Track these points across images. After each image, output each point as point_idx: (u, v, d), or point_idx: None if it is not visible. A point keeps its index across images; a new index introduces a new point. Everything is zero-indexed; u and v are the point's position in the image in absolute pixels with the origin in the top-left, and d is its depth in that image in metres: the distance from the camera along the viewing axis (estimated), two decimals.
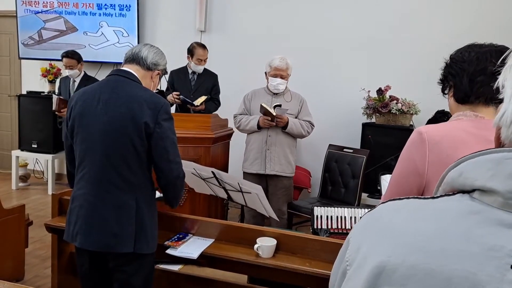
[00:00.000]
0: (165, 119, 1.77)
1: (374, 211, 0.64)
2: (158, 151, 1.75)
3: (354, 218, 2.65)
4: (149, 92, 1.81)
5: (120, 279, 1.83)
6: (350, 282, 0.59)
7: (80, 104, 1.78)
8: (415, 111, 4.00)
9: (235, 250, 2.07)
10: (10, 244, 2.91)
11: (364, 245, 0.60)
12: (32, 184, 5.57)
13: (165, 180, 1.81)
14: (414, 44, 4.26)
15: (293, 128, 3.39)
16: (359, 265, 0.59)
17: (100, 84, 1.83)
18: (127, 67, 1.87)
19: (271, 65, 3.41)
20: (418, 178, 1.25)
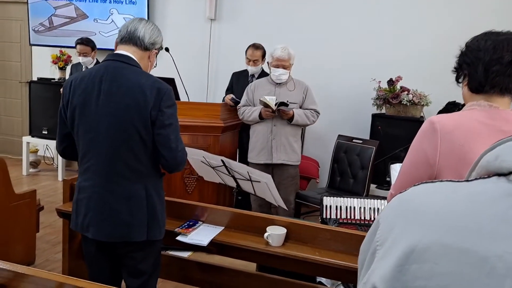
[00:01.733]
0: (168, 106, 1.72)
1: (406, 193, 0.65)
2: (161, 139, 1.72)
3: (363, 209, 2.64)
4: (151, 78, 1.76)
5: (129, 265, 1.84)
6: (381, 261, 0.60)
7: (80, 93, 1.72)
8: (426, 102, 3.96)
9: (244, 238, 2.08)
10: (21, 229, 2.95)
11: (396, 226, 0.60)
12: (42, 170, 5.62)
13: (168, 167, 1.80)
14: (426, 35, 4.21)
15: (298, 120, 3.40)
16: (390, 246, 0.59)
17: (98, 70, 1.73)
18: (123, 49, 1.78)
19: (273, 55, 3.38)
20: (428, 168, 1.24)
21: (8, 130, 6.15)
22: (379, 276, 0.58)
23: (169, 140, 1.72)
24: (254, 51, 4.01)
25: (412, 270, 0.54)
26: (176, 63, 4.05)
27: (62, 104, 1.79)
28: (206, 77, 4.99)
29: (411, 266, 0.55)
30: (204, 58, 4.98)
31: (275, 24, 4.68)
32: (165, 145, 1.73)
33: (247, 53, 4.05)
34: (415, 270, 0.54)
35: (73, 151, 1.83)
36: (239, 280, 2.23)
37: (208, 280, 2.31)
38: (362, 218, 2.62)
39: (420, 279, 0.53)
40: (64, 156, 1.94)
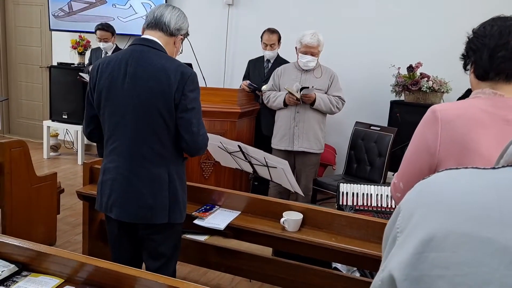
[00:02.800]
0: (191, 90, 1.74)
1: (428, 179, 0.64)
2: (183, 122, 1.74)
3: (380, 196, 2.63)
4: (176, 62, 1.77)
5: (149, 247, 1.88)
6: (400, 248, 0.59)
7: (106, 76, 1.76)
8: (446, 89, 3.88)
9: (261, 222, 2.09)
10: (43, 210, 3.02)
11: (417, 212, 0.59)
12: (62, 154, 5.73)
13: (189, 151, 1.82)
14: (448, 21, 4.10)
15: (321, 104, 3.34)
16: (410, 232, 0.59)
17: (125, 54, 1.77)
18: (149, 34, 1.80)
19: (301, 41, 3.31)
20: (429, 157, 1.23)
21: (29, 114, 6.27)
22: (396, 263, 0.58)
23: (191, 124, 1.74)
24: (270, 36, 3.99)
25: (431, 258, 0.53)
26: (194, 48, 4.04)
27: (89, 87, 1.82)
28: (223, 62, 4.98)
29: (429, 254, 0.54)
30: (221, 44, 4.96)
31: (293, 10, 4.63)
32: (187, 129, 1.74)
33: (263, 38, 4.03)
34: (433, 258, 0.53)
35: (99, 133, 1.87)
36: (255, 264, 2.25)
37: (224, 263, 2.34)
38: (379, 205, 2.61)
39: (438, 268, 0.53)
40: (91, 138, 1.97)
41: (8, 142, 2.76)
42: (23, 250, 1.45)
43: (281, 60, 4.06)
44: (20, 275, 1.42)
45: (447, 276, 0.52)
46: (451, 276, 0.51)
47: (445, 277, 0.52)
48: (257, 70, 4.19)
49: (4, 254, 1.46)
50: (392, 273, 0.58)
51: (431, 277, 0.53)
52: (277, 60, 4.08)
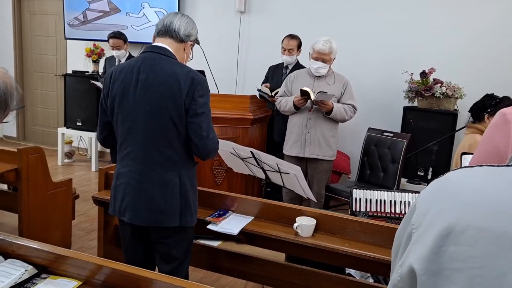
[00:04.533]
0: (201, 95, 1.77)
1: (444, 177, 0.65)
2: (193, 127, 1.78)
3: (393, 202, 2.61)
4: (186, 68, 1.81)
5: (161, 251, 1.90)
6: (417, 244, 0.60)
7: (119, 84, 1.80)
8: (460, 95, 3.86)
9: (274, 228, 2.10)
10: (58, 216, 3.07)
11: (433, 209, 0.61)
12: (76, 161, 5.81)
13: (199, 155, 1.85)
14: (462, 26, 4.09)
15: (337, 113, 3.33)
16: (426, 228, 0.60)
17: (137, 62, 1.81)
18: (160, 42, 1.85)
19: (314, 47, 3.33)
20: (499, 160, 1.22)
21: (44, 122, 6.37)
22: (416, 257, 0.59)
23: (200, 128, 1.77)
24: (289, 40, 4.03)
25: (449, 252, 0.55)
26: (206, 55, 4.09)
27: (103, 94, 1.87)
28: (235, 69, 5.01)
29: (448, 248, 0.55)
30: (233, 51, 5.00)
31: (305, 17, 4.65)
32: (197, 133, 1.78)
33: (283, 43, 4.07)
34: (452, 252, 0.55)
35: (113, 139, 1.91)
36: (268, 269, 2.25)
37: (237, 269, 2.34)
38: (392, 211, 2.59)
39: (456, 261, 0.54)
40: (104, 144, 2.02)
41: (25, 148, 2.82)
42: (43, 253, 1.47)
43: (299, 66, 4.07)
44: (39, 277, 1.44)
45: (464, 269, 0.53)
46: (468, 268, 0.53)
47: (462, 270, 0.53)
48: (275, 76, 4.22)
49: (24, 256, 1.49)
50: (413, 267, 0.59)
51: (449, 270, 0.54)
52: (295, 67, 4.09)
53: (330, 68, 3.41)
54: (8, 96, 1.36)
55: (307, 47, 3.50)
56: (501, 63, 3.95)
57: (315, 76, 3.41)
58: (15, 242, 1.52)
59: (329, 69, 3.39)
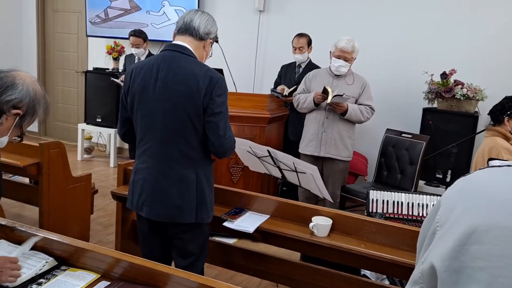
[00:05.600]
0: (219, 95, 1.79)
1: (471, 176, 0.65)
2: (210, 126, 1.79)
3: (411, 204, 2.59)
4: (205, 67, 1.82)
5: (177, 246, 1.93)
6: (441, 241, 0.60)
7: (139, 81, 1.83)
8: (482, 97, 3.79)
9: (289, 227, 2.10)
10: (77, 210, 3.12)
11: (458, 206, 0.61)
12: (95, 157, 5.90)
13: (216, 153, 1.87)
14: (483, 27, 4.02)
15: (352, 115, 3.31)
16: (451, 225, 0.60)
17: (157, 60, 1.83)
18: (180, 40, 1.86)
19: (336, 45, 3.31)
20: None
21: (65, 117, 6.49)
22: (438, 255, 0.59)
23: (217, 128, 1.79)
24: (298, 39, 4.05)
25: (472, 250, 0.55)
26: (225, 53, 4.11)
27: (124, 91, 1.91)
28: (253, 68, 5.02)
29: (471, 246, 0.55)
30: (252, 50, 5.01)
31: (324, 16, 4.63)
32: (214, 132, 1.79)
33: (293, 42, 4.10)
34: (475, 250, 0.54)
35: (132, 135, 1.94)
36: (283, 268, 2.25)
37: (251, 267, 2.35)
38: (409, 213, 2.57)
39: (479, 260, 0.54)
40: (125, 139, 2.05)
41: (46, 143, 2.88)
42: (63, 245, 1.51)
43: (312, 65, 4.07)
44: (59, 269, 1.48)
45: (487, 267, 0.53)
46: (492, 267, 0.52)
47: (486, 269, 0.53)
48: (288, 75, 4.23)
49: (45, 248, 1.53)
50: (433, 264, 0.59)
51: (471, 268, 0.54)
52: (308, 66, 4.10)
53: (349, 68, 3.38)
54: (36, 103, 1.42)
55: (324, 46, 3.49)
56: None
57: (335, 75, 3.39)
58: (37, 234, 1.56)
59: (349, 69, 3.37)
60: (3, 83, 1.37)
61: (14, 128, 1.42)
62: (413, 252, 1.90)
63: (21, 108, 1.40)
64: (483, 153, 2.99)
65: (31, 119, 1.44)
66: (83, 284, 1.40)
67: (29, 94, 1.40)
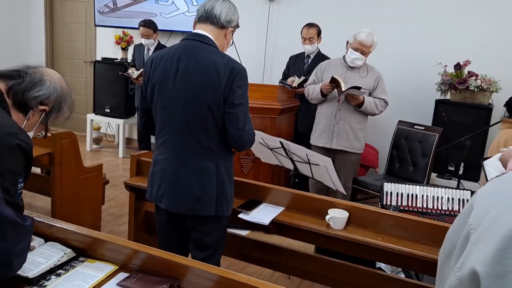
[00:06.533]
0: (239, 86, 1.75)
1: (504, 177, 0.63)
2: (229, 117, 1.76)
3: (425, 197, 2.56)
4: (226, 57, 1.79)
5: (195, 238, 1.92)
6: (478, 245, 0.58)
7: (159, 71, 1.80)
8: (496, 88, 3.74)
9: (305, 219, 2.08)
10: (89, 200, 3.13)
11: (495, 208, 0.59)
12: (104, 147, 5.90)
13: (235, 146, 1.85)
14: (498, 18, 3.94)
15: (368, 107, 3.27)
16: (488, 228, 0.57)
17: (177, 49, 1.80)
18: (201, 29, 1.83)
19: (356, 37, 3.23)
20: None
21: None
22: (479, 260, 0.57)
23: (237, 120, 1.76)
24: (308, 29, 4.01)
25: None
26: (235, 43, 4.06)
27: (144, 81, 1.88)
28: (263, 58, 4.98)
29: None
30: (261, 40, 4.96)
31: (335, 6, 4.57)
32: (233, 124, 1.76)
33: (302, 32, 4.05)
34: None
35: (152, 125, 1.92)
36: (297, 261, 2.24)
37: (265, 259, 2.34)
38: (424, 206, 2.54)
39: None
40: (145, 130, 2.05)
41: (59, 133, 2.87)
42: (80, 236, 1.50)
43: (321, 55, 4.03)
44: (77, 260, 1.47)
45: None
46: None
47: None
48: (297, 65, 4.19)
49: (61, 239, 1.52)
50: (475, 270, 0.57)
51: None
52: (317, 56, 4.06)
53: (365, 61, 3.34)
54: (63, 100, 1.43)
55: (333, 37, 3.43)
56: None
57: (349, 67, 3.35)
58: (54, 224, 1.55)
59: (364, 61, 3.33)
60: (32, 79, 1.36)
61: (40, 124, 1.44)
62: (431, 246, 1.88)
63: (47, 104, 1.40)
64: (498, 146, 2.94)
65: (57, 115, 1.45)
66: (102, 275, 1.39)
67: (56, 90, 1.40)
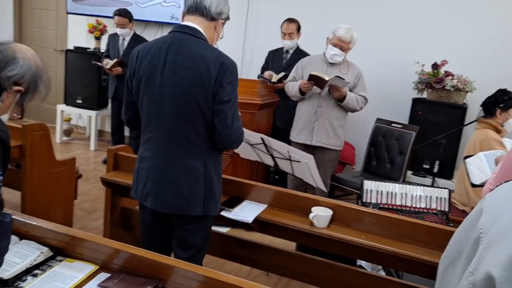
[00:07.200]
0: (229, 82, 1.69)
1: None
2: (218, 114, 1.70)
3: (404, 195, 2.58)
4: (216, 51, 1.73)
5: (179, 236, 1.85)
6: (492, 249, 0.57)
7: (146, 64, 1.72)
8: (471, 88, 3.82)
9: (288, 217, 2.06)
10: (61, 195, 3.01)
11: (507, 213, 0.58)
12: (74, 139, 5.72)
13: (222, 143, 1.78)
14: (474, 19, 4.03)
15: (349, 102, 3.27)
16: (502, 233, 0.57)
17: (165, 42, 1.72)
18: (190, 21, 1.75)
19: (335, 33, 3.24)
20: None
21: None
22: (494, 264, 0.56)
23: (225, 117, 1.70)
24: (289, 24, 3.99)
25: None
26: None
27: (129, 73, 1.79)
28: (241, 52, 4.92)
29: None
30: (240, 34, 4.90)
31: (315, 3, 4.56)
32: (221, 121, 1.70)
33: (282, 27, 4.04)
34: None
35: (137, 121, 1.84)
36: (279, 258, 2.22)
37: (246, 256, 2.31)
38: (403, 204, 2.57)
39: None
40: (129, 125, 1.94)
41: (30, 125, 2.74)
42: (59, 235, 1.42)
43: (300, 51, 4.02)
44: (55, 260, 1.39)
45: None
46: None
47: None
48: (275, 60, 4.16)
49: (38, 238, 1.44)
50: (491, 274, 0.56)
51: None
52: (296, 51, 4.05)
53: (344, 57, 3.34)
54: (38, 78, 1.31)
55: (312, 32, 3.41)
56: None
57: (329, 63, 3.34)
58: (29, 222, 1.46)
59: (344, 58, 3.32)
60: (3, 57, 1.24)
61: (15, 106, 1.33)
62: (413, 244, 1.89)
63: (22, 84, 1.29)
64: (474, 145, 3.02)
65: (33, 95, 1.33)
66: (82, 276, 1.33)
67: (31, 69, 1.28)
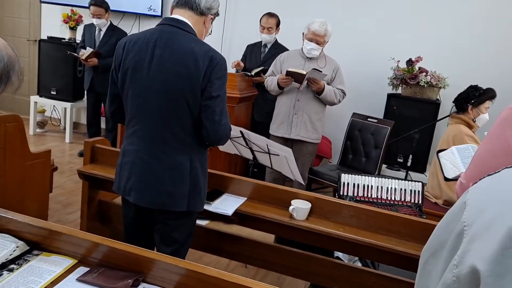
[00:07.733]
0: (218, 77, 1.67)
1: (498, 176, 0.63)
2: (206, 110, 1.68)
3: (380, 188, 2.64)
4: (205, 46, 1.70)
5: (162, 231, 1.83)
6: (477, 243, 0.58)
7: (132, 56, 1.69)
8: (444, 85, 3.92)
9: (267, 210, 2.08)
10: (35, 187, 2.93)
11: (491, 208, 0.59)
12: (48, 131, 5.59)
13: (209, 139, 1.76)
14: (450, 17, 4.12)
15: (327, 95, 3.31)
16: (487, 227, 0.58)
17: (153, 35, 1.68)
18: (179, 14, 1.73)
19: (309, 27, 3.27)
20: (509, 156, 1.19)
21: None
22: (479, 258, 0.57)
23: (213, 112, 1.68)
24: (268, 19, 4.00)
25: None
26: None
27: (114, 65, 1.76)
28: (220, 46, 4.90)
29: None
30: (218, 28, 4.87)
31: None
32: (209, 117, 1.68)
33: (261, 21, 4.03)
34: None
35: (122, 114, 1.81)
36: (258, 251, 2.24)
37: (225, 249, 2.32)
38: (379, 196, 2.63)
39: None
40: (113, 118, 1.90)
41: (3, 116, 2.66)
42: (35, 228, 1.40)
43: (278, 46, 4.04)
44: (31, 254, 1.37)
45: None
46: None
47: None
48: (254, 54, 4.17)
49: (13, 231, 1.41)
50: (476, 268, 0.57)
51: None
52: (274, 46, 4.06)
53: (322, 51, 3.37)
54: (10, 69, 1.25)
55: (291, 27, 3.43)
56: (486, 55, 4.03)
57: (307, 58, 3.37)
58: (5, 216, 1.43)
59: (321, 51, 3.36)
60: None
61: None
62: (388, 236, 1.95)
63: None
64: (447, 140, 3.10)
65: (5, 87, 1.28)
66: (60, 270, 1.31)
67: (2, 59, 1.23)
